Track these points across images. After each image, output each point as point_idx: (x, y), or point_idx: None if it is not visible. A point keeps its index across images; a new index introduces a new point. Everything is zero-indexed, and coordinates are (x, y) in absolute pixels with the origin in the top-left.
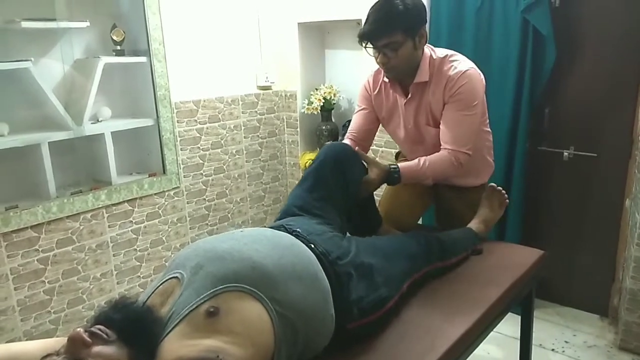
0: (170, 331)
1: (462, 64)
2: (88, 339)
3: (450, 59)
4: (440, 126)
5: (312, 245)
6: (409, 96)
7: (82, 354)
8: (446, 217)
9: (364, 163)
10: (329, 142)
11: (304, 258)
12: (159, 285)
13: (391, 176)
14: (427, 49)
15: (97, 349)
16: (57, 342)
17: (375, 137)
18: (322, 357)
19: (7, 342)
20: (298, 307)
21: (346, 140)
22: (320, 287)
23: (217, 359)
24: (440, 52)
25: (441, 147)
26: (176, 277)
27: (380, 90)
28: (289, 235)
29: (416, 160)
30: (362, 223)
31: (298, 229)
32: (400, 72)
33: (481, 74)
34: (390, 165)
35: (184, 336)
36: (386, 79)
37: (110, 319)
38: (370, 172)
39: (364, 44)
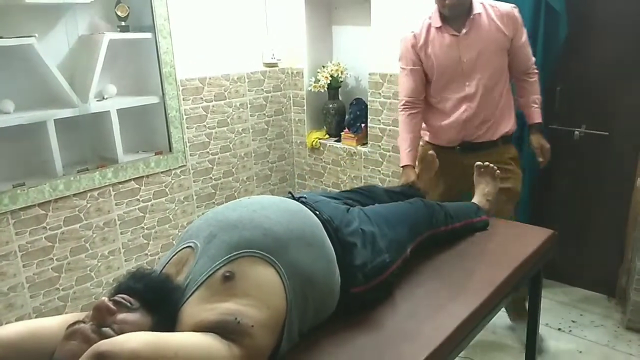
0: (189, 297)
1: (505, 3)
2: (113, 307)
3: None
4: (519, 56)
5: (317, 212)
6: (466, 30)
7: (108, 321)
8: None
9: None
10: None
11: (311, 224)
12: (173, 256)
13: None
14: None
15: (122, 316)
16: (74, 317)
17: (383, 116)
18: (332, 333)
19: (17, 318)
20: (308, 272)
21: (403, 112)
22: (327, 253)
23: (235, 321)
24: None
25: (526, 72)
26: (190, 247)
27: (427, 38)
28: (296, 201)
29: (532, 103)
30: None
31: (305, 196)
32: (462, 10)
33: None
34: (532, 124)
35: (203, 301)
36: (438, 24)
37: (131, 288)
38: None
39: None
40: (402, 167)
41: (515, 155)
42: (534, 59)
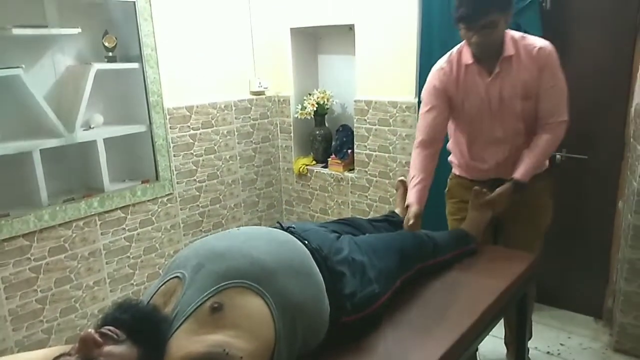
0: (177, 329)
1: (541, 40)
2: (99, 339)
3: (528, 36)
4: (540, 104)
5: (306, 242)
6: (496, 72)
7: (94, 353)
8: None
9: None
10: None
11: (299, 253)
12: (161, 286)
13: (518, 189)
14: None
15: (109, 348)
16: (59, 349)
17: (369, 142)
18: None
19: None
20: (296, 301)
21: (417, 150)
22: (315, 282)
23: (223, 352)
24: (511, 31)
25: (545, 123)
26: (177, 277)
27: (459, 74)
28: (284, 232)
29: (526, 159)
30: None
31: (293, 226)
32: (491, 50)
33: None
34: (509, 181)
35: (191, 332)
36: (469, 61)
37: (118, 319)
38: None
39: (460, 27)
40: (406, 206)
41: (545, 188)
42: (563, 115)
